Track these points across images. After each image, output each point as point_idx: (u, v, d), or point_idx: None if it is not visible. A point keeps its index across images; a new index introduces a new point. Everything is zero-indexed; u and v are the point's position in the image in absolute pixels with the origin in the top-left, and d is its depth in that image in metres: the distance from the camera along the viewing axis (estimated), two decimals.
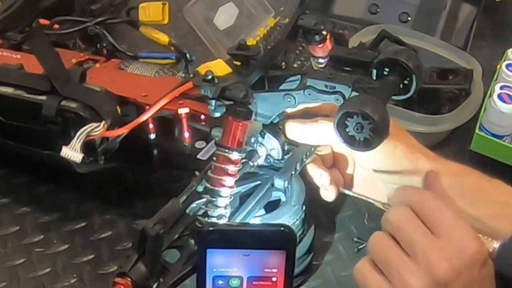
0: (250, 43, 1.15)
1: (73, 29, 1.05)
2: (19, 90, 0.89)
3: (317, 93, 0.71)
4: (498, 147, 1.00)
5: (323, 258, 0.90)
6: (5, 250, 0.91)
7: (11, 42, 1.06)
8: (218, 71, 0.90)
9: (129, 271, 0.67)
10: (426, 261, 0.62)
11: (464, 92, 1.05)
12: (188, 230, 0.73)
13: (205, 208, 0.73)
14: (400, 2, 1.23)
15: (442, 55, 1.11)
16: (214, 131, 0.79)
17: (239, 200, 0.77)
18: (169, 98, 0.87)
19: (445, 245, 0.63)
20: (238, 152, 0.71)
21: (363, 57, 0.73)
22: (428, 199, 0.66)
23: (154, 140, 0.91)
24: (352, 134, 0.67)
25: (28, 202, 0.97)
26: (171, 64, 1.00)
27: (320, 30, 0.77)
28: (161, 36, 1.04)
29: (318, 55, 0.79)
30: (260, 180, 0.78)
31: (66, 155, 0.80)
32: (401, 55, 0.71)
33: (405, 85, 0.71)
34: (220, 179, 0.72)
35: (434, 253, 0.62)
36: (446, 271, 0.62)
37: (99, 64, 1.00)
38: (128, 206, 0.96)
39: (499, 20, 1.30)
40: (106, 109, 0.85)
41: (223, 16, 1.20)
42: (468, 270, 0.63)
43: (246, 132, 0.72)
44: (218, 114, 0.72)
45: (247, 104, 0.71)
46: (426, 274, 0.62)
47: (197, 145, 0.88)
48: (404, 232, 0.64)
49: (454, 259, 0.62)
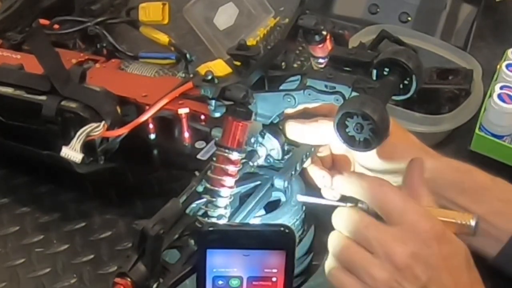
0: (250, 43, 1.15)
1: (73, 29, 1.05)
2: (19, 90, 0.90)
3: (317, 93, 0.71)
4: (498, 147, 1.00)
5: (323, 258, 0.90)
6: (5, 250, 0.91)
7: (11, 42, 1.06)
8: (218, 71, 0.90)
9: (129, 271, 0.67)
10: (384, 251, 0.63)
11: (464, 92, 1.05)
12: (188, 230, 0.73)
13: (205, 208, 0.73)
14: (400, 2, 1.23)
15: (442, 55, 1.11)
16: (214, 131, 0.79)
17: (239, 200, 0.77)
18: (169, 98, 0.87)
19: (397, 232, 0.64)
20: (238, 152, 0.71)
21: (363, 57, 0.73)
22: (373, 188, 0.67)
23: (154, 140, 0.90)
24: (352, 134, 0.67)
25: (28, 202, 0.97)
26: (171, 64, 1.00)
27: (320, 30, 0.77)
28: (161, 36, 1.04)
29: (318, 55, 0.79)
30: (260, 180, 0.78)
31: (66, 155, 0.80)
32: (401, 55, 0.71)
33: (405, 85, 0.71)
34: (220, 179, 0.72)
35: (388, 242, 0.63)
36: (403, 256, 0.63)
37: (99, 64, 1.00)
38: (128, 206, 0.96)
39: (499, 20, 1.30)
40: (106, 109, 0.85)
41: (223, 16, 1.20)
42: (425, 249, 0.63)
43: (246, 132, 0.71)
44: (218, 114, 0.72)
45: (247, 104, 0.71)
46: (388, 264, 0.63)
47: (197, 145, 0.88)
48: (358, 232, 0.66)
49: (408, 242, 0.63)
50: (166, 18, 1.02)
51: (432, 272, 0.63)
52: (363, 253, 0.65)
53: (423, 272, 0.63)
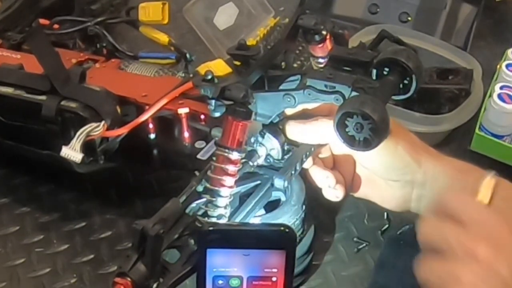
0: (250, 43, 1.16)
1: (73, 29, 1.05)
2: (19, 90, 0.90)
3: (317, 93, 0.71)
4: (498, 147, 1.00)
5: (323, 258, 0.90)
6: (5, 250, 0.91)
7: (11, 42, 1.06)
8: (218, 71, 0.90)
9: (129, 271, 0.67)
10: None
11: (464, 92, 1.05)
12: (188, 230, 0.73)
13: (205, 208, 0.73)
14: (400, 2, 1.23)
15: (442, 55, 1.11)
16: (214, 131, 0.79)
17: (239, 200, 0.77)
18: (169, 98, 0.87)
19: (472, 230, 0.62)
20: (237, 152, 0.71)
21: (363, 57, 0.72)
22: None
23: (154, 140, 0.90)
24: (352, 134, 0.67)
25: (28, 202, 0.97)
26: (171, 64, 1.00)
27: (319, 30, 0.77)
28: (161, 36, 1.04)
29: (318, 55, 0.79)
30: (260, 180, 0.78)
31: (66, 155, 0.80)
32: (401, 55, 0.70)
33: (405, 85, 0.71)
34: (220, 179, 0.72)
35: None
36: (485, 250, 0.60)
37: (99, 64, 1.00)
38: (128, 206, 0.96)
39: (499, 20, 1.30)
40: (106, 109, 0.85)
41: (223, 16, 1.20)
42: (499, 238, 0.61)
43: (246, 132, 0.71)
44: (218, 114, 0.72)
45: (247, 104, 0.71)
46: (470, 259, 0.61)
47: (197, 145, 0.88)
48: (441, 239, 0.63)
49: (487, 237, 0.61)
50: (166, 18, 1.02)
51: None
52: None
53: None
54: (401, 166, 0.75)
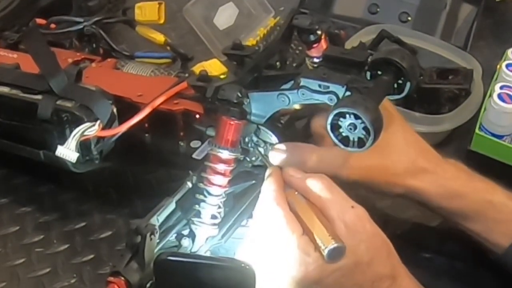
0: (250, 43, 1.16)
1: (69, 28, 1.05)
2: (15, 89, 0.89)
3: (311, 92, 0.71)
4: (498, 147, 0.99)
5: None
6: (5, 250, 0.91)
7: (7, 42, 1.06)
8: (213, 71, 0.90)
9: (123, 270, 0.67)
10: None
11: (464, 92, 1.04)
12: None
13: (198, 207, 0.73)
14: (400, 2, 1.23)
15: (442, 55, 1.11)
16: (208, 130, 0.79)
17: (233, 199, 0.77)
18: (165, 97, 0.87)
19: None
20: (229, 151, 0.71)
21: (357, 57, 0.73)
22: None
23: (149, 139, 0.90)
24: (346, 134, 0.66)
25: (28, 202, 0.97)
26: (167, 63, 1.00)
27: (314, 30, 0.77)
28: (157, 36, 1.03)
29: (313, 55, 0.79)
30: (255, 179, 0.78)
31: (61, 155, 0.80)
32: (395, 54, 0.71)
33: (399, 85, 0.71)
34: (212, 178, 0.72)
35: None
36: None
37: (95, 64, 1.00)
38: (128, 206, 0.96)
39: (499, 20, 1.29)
40: (101, 109, 0.84)
41: (223, 16, 1.20)
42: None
43: (239, 132, 0.72)
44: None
45: (241, 103, 0.71)
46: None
47: (192, 145, 0.87)
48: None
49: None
50: (162, 18, 1.02)
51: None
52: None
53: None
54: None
